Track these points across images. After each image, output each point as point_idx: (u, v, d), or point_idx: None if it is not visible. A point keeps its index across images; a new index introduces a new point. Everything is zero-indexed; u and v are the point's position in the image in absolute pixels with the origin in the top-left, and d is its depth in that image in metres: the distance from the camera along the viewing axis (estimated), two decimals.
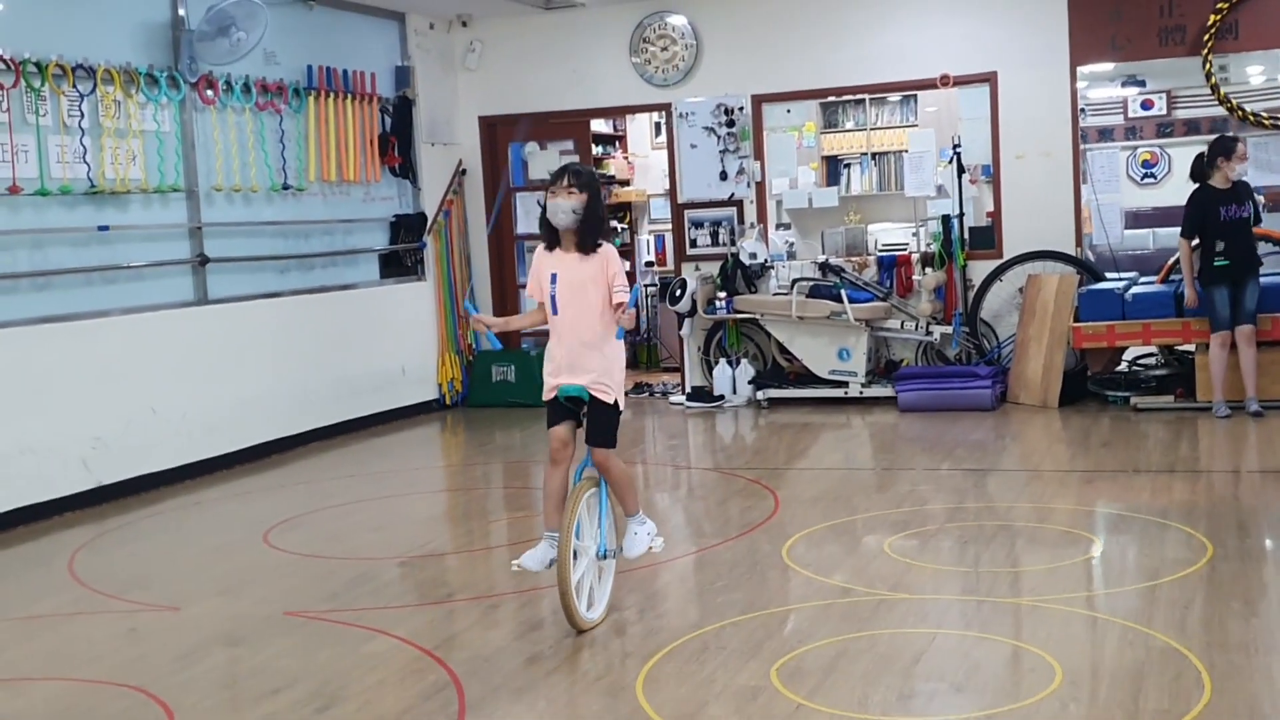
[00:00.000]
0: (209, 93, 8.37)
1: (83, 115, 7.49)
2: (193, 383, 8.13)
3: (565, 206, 4.77)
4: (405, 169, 10.33)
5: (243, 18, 8.08)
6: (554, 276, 4.85)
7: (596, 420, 4.89)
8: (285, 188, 9.08)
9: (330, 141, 9.50)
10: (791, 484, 7.22)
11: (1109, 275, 9.68)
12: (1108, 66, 10.26)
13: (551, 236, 4.89)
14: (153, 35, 8.05)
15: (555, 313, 4.84)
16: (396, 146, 10.16)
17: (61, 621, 5.31)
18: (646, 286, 13.26)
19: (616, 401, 4.91)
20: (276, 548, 6.34)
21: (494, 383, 10.74)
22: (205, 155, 8.41)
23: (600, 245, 4.85)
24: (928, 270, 9.94)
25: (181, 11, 8.19)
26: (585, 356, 4.82)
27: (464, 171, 11.09)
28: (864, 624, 4.68)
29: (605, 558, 5.00)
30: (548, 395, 4.93)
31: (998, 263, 9.86)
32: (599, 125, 12.88)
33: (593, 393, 4.84)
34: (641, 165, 13.76)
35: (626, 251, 13.42)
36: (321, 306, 9.40)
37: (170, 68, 8.10)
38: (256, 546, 6.39)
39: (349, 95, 9.69)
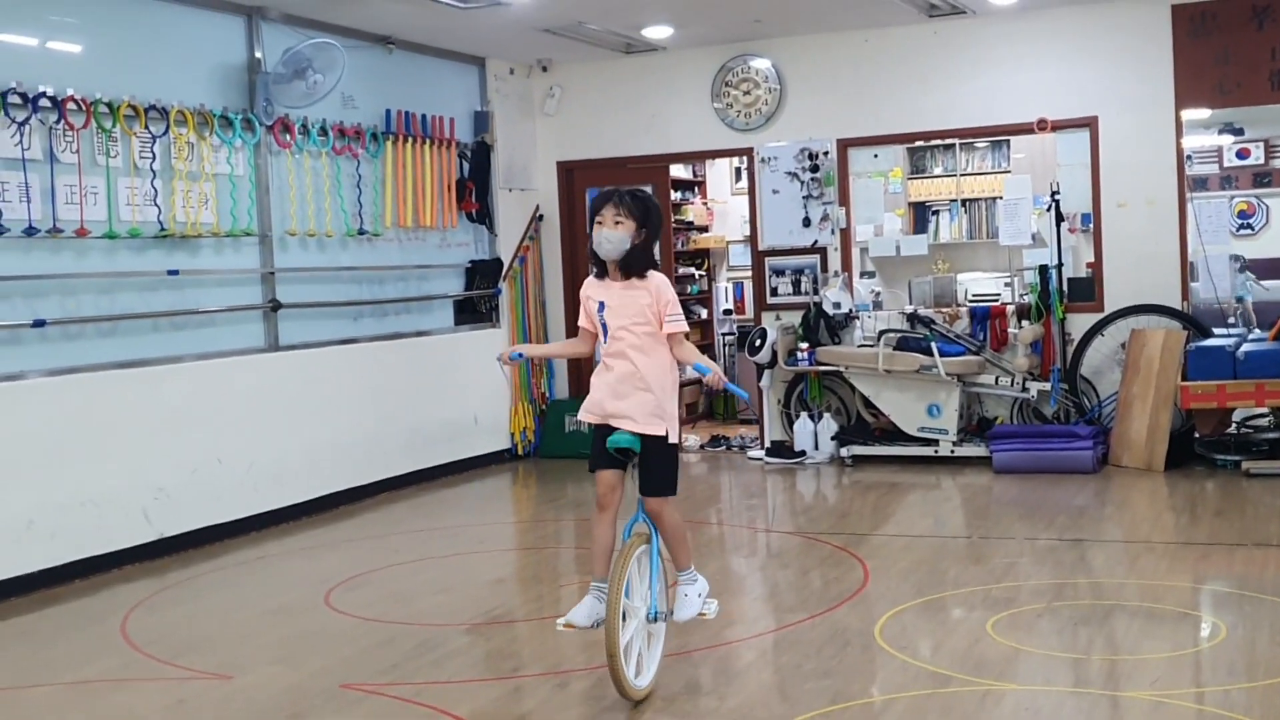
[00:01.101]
0: (285, 136, 8.21)
1: (154, 157, 7.33)
2: (261, 431, 7.91)
3: (612, 238, 4.53)
4: (482, 215, 10.11)
5: (320, 60, 7.91)
6: (601, 305, 4.61)
7: (651, 465, 4.55)
8: (361, 233, 8.89)
9: (407, 187, 9.30)
10: (881, 552, 6.79)
11: (1217, 331, 9.15)
12: (1203, 114, 9.77)
13: (602, 266, 4.65)
14: (228, 77, 7.91)
15: (605, 340, 4.62)
16: (474, 192, 9.95)
17: (110, 688, 5.04)
18: (725, 335, 12.93)
19: (668, 433, 4.55)
20: (338, 610, 6.05)
21: (566, 433, 10.43)
22: (279, 199, 8.24)
23: (648, 273, 4.60)
24: (1024, 323, 9.48)
25: (258, 53, 8.04)
26: (634, 389, 4.54)
27: (541, 217, 10.85)
28: (969, 719, 4.26)
29: (656, 620, 4.66)
30: (586, 416, 4.64)
31: (1099, 316, 9.38)
32: (678, 170, 12.61)
33: (645, 431, 4.50)
34: (720, 211, 13.46)
35: (704, 299, 13.11)
36: (394, 353, 9.17)
37: (245, 110, 7.95)
38: (317, 608, 6.10)
39: (427, 140, 9.50)
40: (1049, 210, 9.48)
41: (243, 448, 7.78)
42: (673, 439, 4.58)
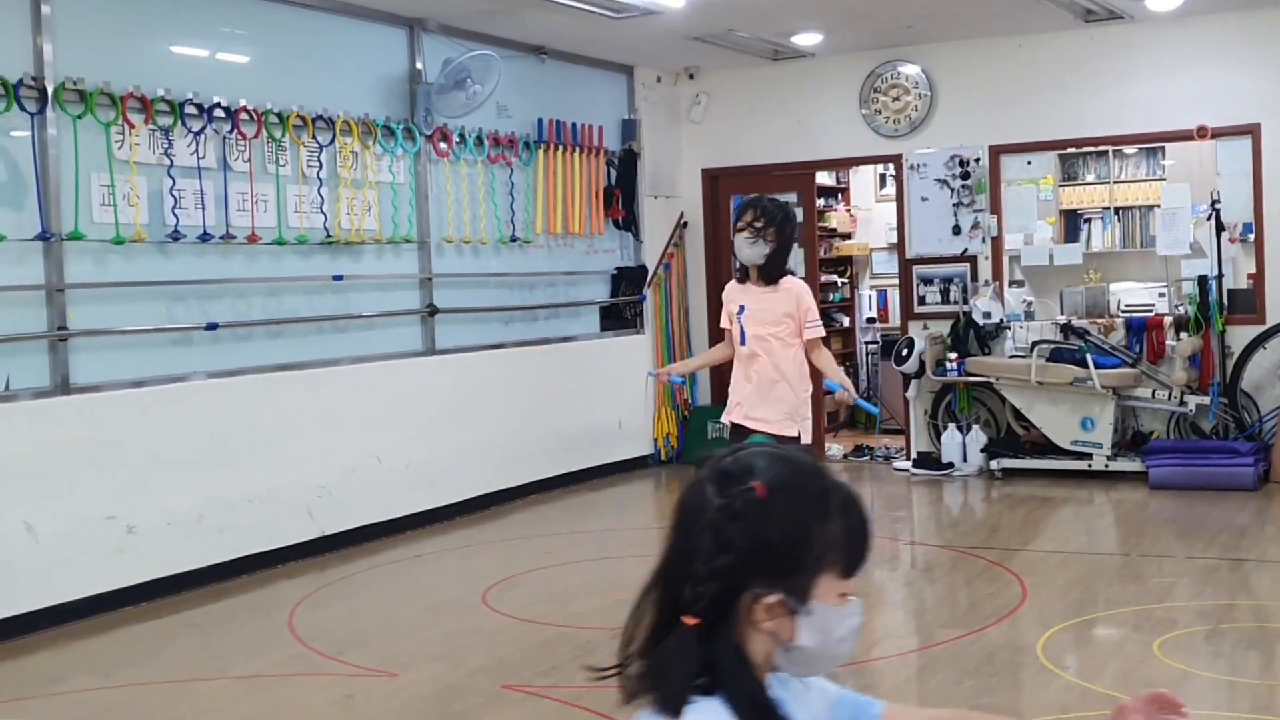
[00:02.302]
0: (443, 145, 8.40)
1: (321, 166, 7.57)
2: (417, 432, 8.11)
3: (753, 243, 4.78)
4: (628, 222, 10.20)
5: (478, 70, 8.08)
6: (742, 308, 4.83)
7: None
8: (513, 239, 9.05)
9: (557, 194, 9.44)
10: (1037, 568, 6.67)
11: None
12: None
13: (743, 271, 4.93)
14: (390, 87, 8.12)
15: (744, 343, 4.81)
16: (621, 199, 10.05)
17: (280, 682, 5.23)
18: (867, 343, 12.82)
19: (800, 434, 4.75)
20: (495, 609, 6.17)
21: (709, 439, 10.46)
22: (437, 207, 8.44)
23: (786, 278, 4.80)
24: (1182, 335, 9.22)
25: (419, 64, 8.25)
26: (773, 391, 4.72)
27: (685, 224, 10.90)
28: None
29: None
30: (727, 418, 4.92)
31: (1261, 329, 9.08)
32: (822, 177, 12.52)
33: (779, 433, 4.63)
34: (864, 219, 13.35)
35: (846, 307, 13.02)
36: (542, 358, 9.32)
37: (406, 120, 8.15)
38: (475, 608, 6.23)
39: (577, 148, 9.63)
40: (1209, 219, 9.21)
41: (400, 448, 7.98)
42: (805, 440, 4.78)
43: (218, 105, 6.94)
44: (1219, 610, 5.73)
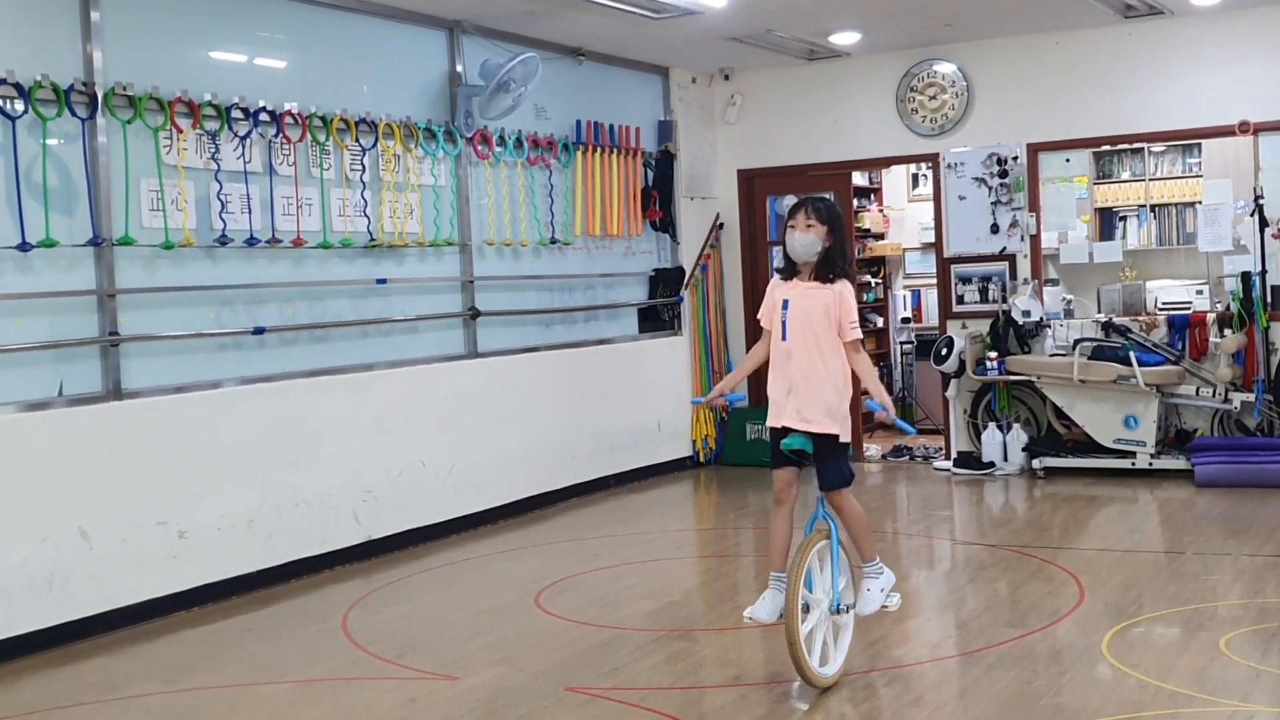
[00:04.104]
0: (483, 147, 8.38)
1: (364, 169, 7.56)
2: (461, 435, 8.09)
3: (805, 240, 4.79)
4: (665, 223, 10.18)
5: (516, 70, 8.05)
6: (785, 303, 4.83)
7: (825, 462, 4.78)
8: (552, 242, 9.03)
9: (595, 196, 9.42)
10: (1092, 567, 6.61)
11: None
12: None
13: (789, 268, 4.91)
14: (431, 90, 8.11)
15: (784, 338, 4.80)
16: (658, 200, 10.03)
17: (340, 686, 5.20)
18: (902, 344, 12.77)
19: (839, 433, 4.78)
20: (549, 612, 6.15)
21: (747, 441, 10.44)
22: (478, 209, 8.43)
23: (836, 279, 4.82)
24: (1226, 332, 9.15)
25: (459, 67, 8.24)
26: (812, 390, 4.74)
27: (721, 225, 10.87)
28: None
29: (840, 612, 4.88)
30: (773, 422, 4.85)
31: None
32: (854, 178, 12.47)
33: (818, 431, 4.71)
34: (896, 218, 13.29)
35: (880, 307, 12.97)
36: (581, 360, 9.30)
37: (447, 122, 8.14)
38: (529, 610, 6.21)
39: (614, 150, 9.61)
40: (1252, 215, 9.14)
41: (444, 452, 7.96)
42: (844, 439, 4.81)
43: (263, 109, 6.95)
44: None
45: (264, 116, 6.96)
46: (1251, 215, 9.14)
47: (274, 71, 7.22)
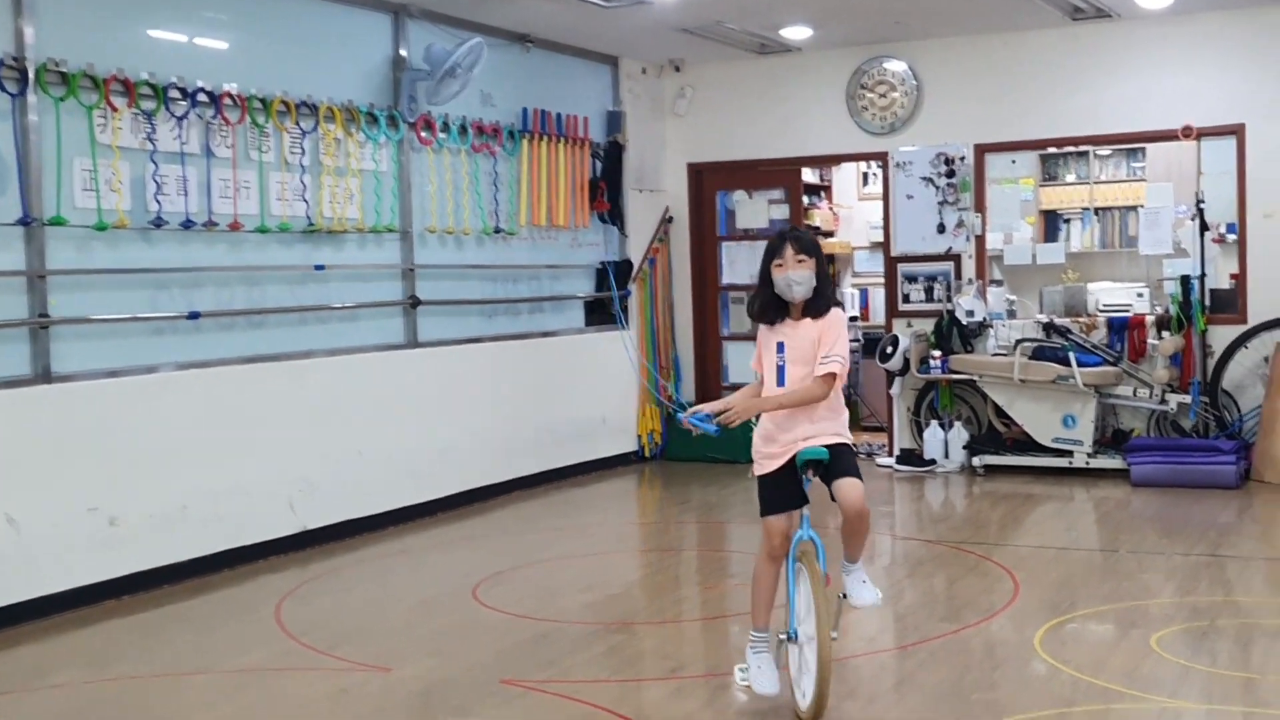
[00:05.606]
0: (426, 133, 8.29)
1: (304, 153, 7.45)
2: (399, 426, 8.00)
3: (800, 277, 4.42)
4: (614, 215, 10.11)
5: (463, 55, 7.97)
6: (780, 345, 4.51)
7: (843, 459, 4.47)
8: (496, 231, 8.95)
9: (542, 185, 9.35)
10: (1027, 564, 6.65)
11: None
12: None
13: (774, 312, 4.51)
14: (374, 74, 8.01)
15: (781, 384, 4.47)
16: (606, 192, 9.97)
17: (271, 676, 5.12)
18: (850, 342, 12.78)
19: (852, 442, 4.64)
20: (486, 605, 6.09)
21: (694, 437, 10.35)
22: (420, 196, 8.33)
23: (827, 310, 4.49)
24: (1164, 334, 9.24)
25: (403, 51, 8.14)
26: (825, 415, 4.49)
27: (670, 219, 10.84)
28: None
29: (794, 640, 4.49)
30: (766, 469, 4.49)
31: (1242, 329, 9.12)
32: (804, 175, 12.48)
33: (833, 442, 4.48)
34: (846, 216, 13.32)
35: None
36: (525, 352, 9.23)
37: (390, 107, 8.05)
38: (466, 602, 6.14)
39: (562, 139, 9.54)
40: (1192, 219, 9.23)
41: (382, 442, 7.87)
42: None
43: (201, 90, 6.82)
44: (1212, 606, 5.72)
45: (202, 97, 6.83)
46: (1192, 220, 9.24)
47: (214, 52, 7.09)
